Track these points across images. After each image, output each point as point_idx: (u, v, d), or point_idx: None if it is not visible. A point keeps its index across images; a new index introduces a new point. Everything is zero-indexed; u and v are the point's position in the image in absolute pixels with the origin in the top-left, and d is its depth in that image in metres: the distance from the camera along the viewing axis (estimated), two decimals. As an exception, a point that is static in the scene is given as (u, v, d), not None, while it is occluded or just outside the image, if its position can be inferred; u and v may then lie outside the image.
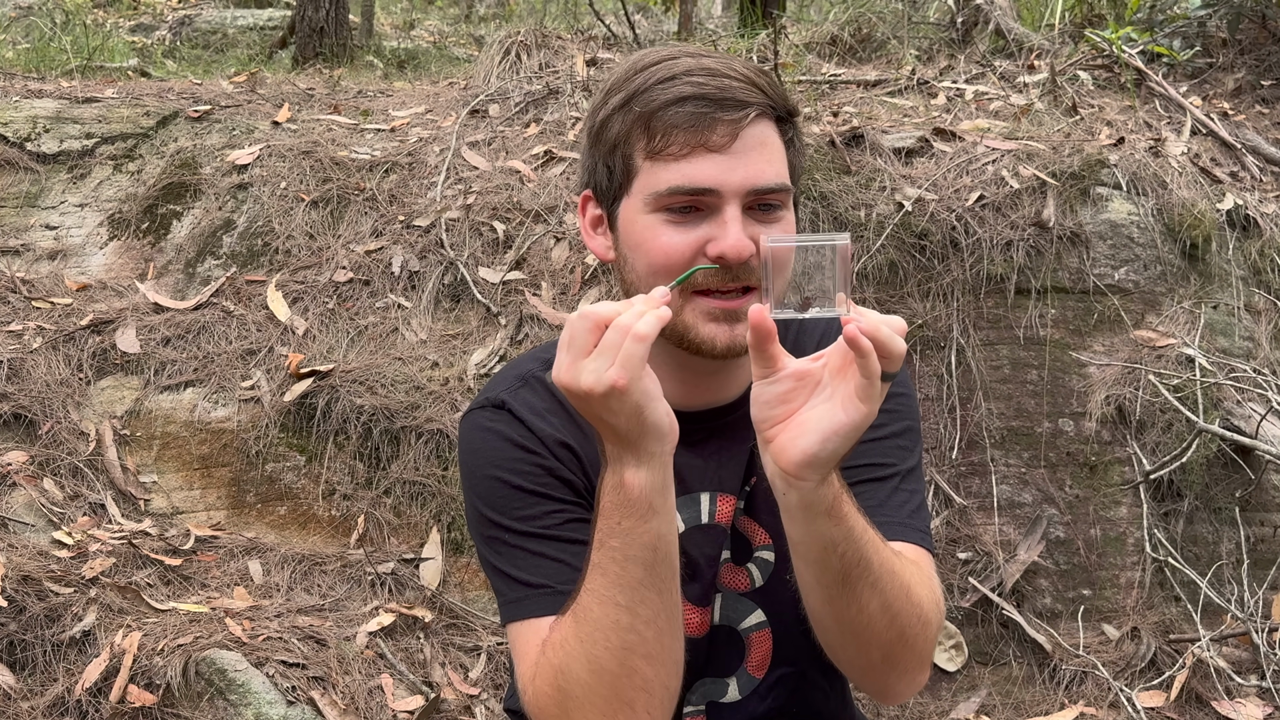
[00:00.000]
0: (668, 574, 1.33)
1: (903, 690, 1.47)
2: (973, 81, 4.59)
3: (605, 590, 1.32)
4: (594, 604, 1.33)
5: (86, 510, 3.22)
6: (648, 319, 1.23)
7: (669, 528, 1.32)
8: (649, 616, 1.32)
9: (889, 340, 1.20)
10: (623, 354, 1.22)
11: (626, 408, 1.24)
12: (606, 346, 1.23)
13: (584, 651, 1.33)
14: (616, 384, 1.22)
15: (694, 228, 1.43)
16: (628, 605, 1.31)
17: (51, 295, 3.77)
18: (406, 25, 10.09)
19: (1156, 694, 3.03)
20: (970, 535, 3.27)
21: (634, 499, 1.29)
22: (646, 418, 1.25)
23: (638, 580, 1.31)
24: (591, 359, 1.24)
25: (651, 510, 1.29)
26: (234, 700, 2.62)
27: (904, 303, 3.49)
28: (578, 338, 1.25)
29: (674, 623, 1.35)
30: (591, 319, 1.25)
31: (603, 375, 1.23)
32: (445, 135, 4.26)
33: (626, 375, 1.22)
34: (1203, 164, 3.99)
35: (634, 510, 1.29)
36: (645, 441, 1.27)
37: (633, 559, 1.30)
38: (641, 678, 1.32)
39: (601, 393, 1.23)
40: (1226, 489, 3.37)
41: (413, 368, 3.47)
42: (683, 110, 1.42)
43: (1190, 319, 3.53)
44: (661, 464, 1.29)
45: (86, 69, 5.93)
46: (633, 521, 1.30)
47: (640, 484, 1.29)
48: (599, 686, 1.33)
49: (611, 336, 1.23)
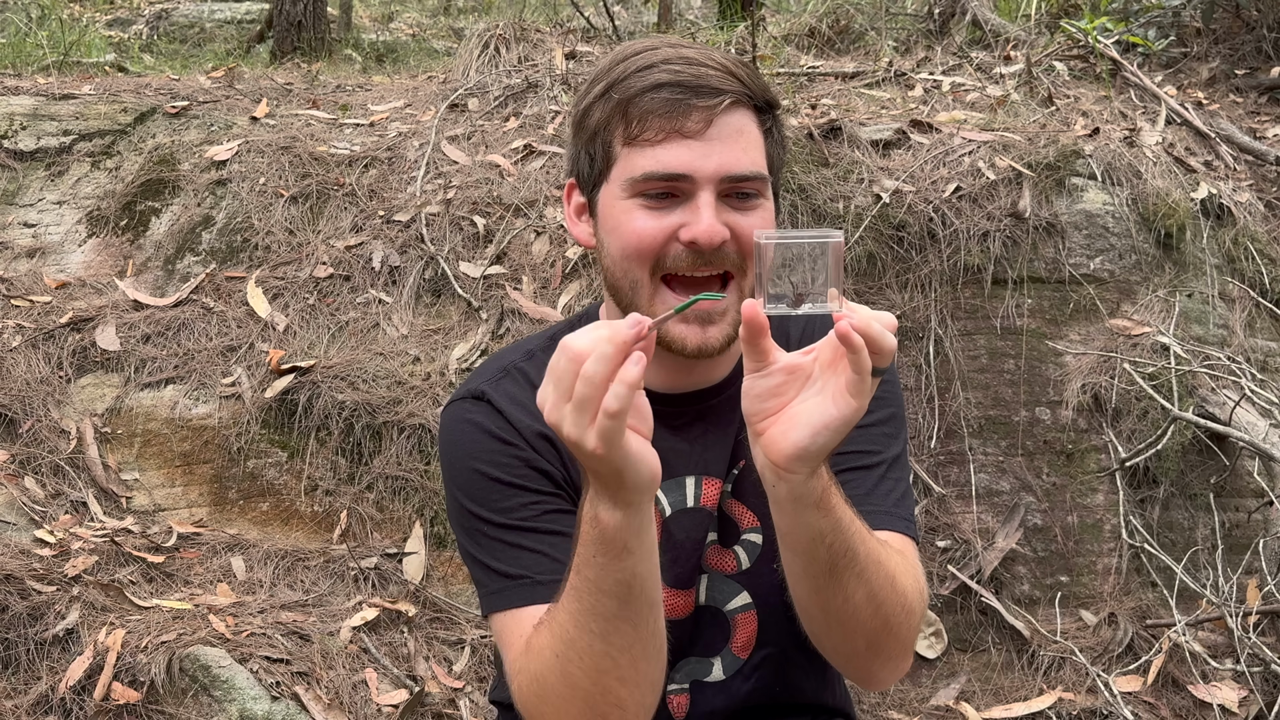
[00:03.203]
0: (644, 608, 1.30)
1: (886, 677, 1.49)
2: (949, 73, 4.62)
3: (579, 616, 1.30)
4: (570, 624, 1.32)
5: (68, 508, 3.22)
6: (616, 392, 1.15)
7: (645, 566, 1.28)
8: (623, 645, 1.31)
9: (880, 336, 1.20)
10: (598, 428, 1.16)
11: (607, 468, 1.20)
12: (579, 401, 1.17)
13: (559, 667, 1.34)
14: (596, 451, 1.17)
15: (668, 213, 1.45)
16: (601, 634, 1.30)
17: (30, 293, 3.76)
18: (385, 18, 10.06)
19: (1133, 679, 3.07)
20: (949, 523, 3.30)
21: (608, 538, 1.25)
22: (626, 478, 1.21)
23: (612, 613, 1.29)
24: (569, 407, 1.18)
25: (626, 550, 1.26)
26: (218, 696, 2.63)
27: (882, 294, 3.51)
28: (562, 378, 1.19)
29: (649, 649, 1.33)
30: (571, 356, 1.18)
31: (584, 435, 1.17)
32: (424, 129, 4.26)
33: (606, 447, 1.17)
34: (1177, 153, 4.02)
35: (608, 549, 1.26)
36: (622, 492, 1.23)
37: (606, 593, 1.28)
38: (615, 696, 1.33)
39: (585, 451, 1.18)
40: (1201, 475, 3.41)
41: (394, 363, 3.47)
42: (658, 96, 1.43)
43: (1165, 307, 3.56)
44: (639, 511, 1.25)
45: (63, 65, 5.90)
46: (606, 559, 1.26)
47: (615, 525, 1.25)
48: (574, 699, 1.34)
49: (582, 390, 1.16)
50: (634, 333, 1.17)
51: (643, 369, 1.17)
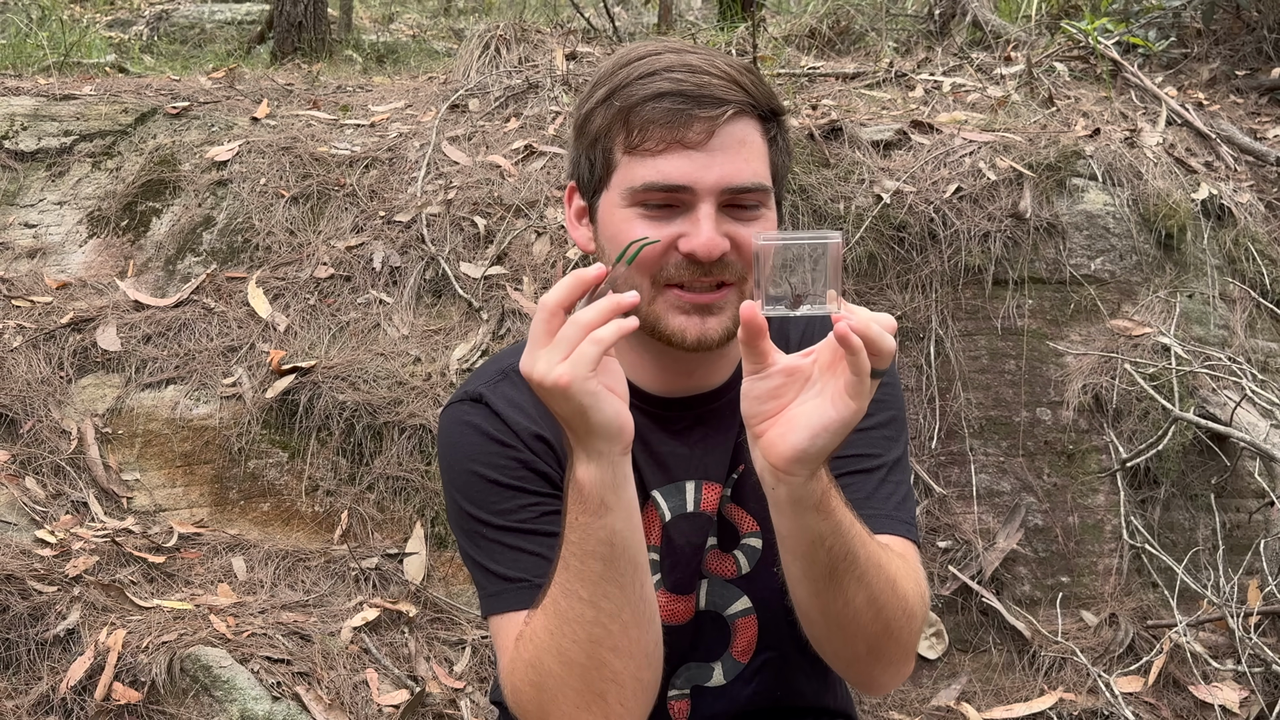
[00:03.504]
0: (628, 569, 1.33)
1: (887, 682, 1.48)
2: (950, 74, 4.62)
3: (569, 584, 1.33)
4: (560, 597, 1.34)
5: (69, 509, 3.22)
6: (609, 328, 1.24)
7: (625, 524, 1.31)
8: (612, 610, 1.32)
9: (879, 338, 1.20)
10: (576, 353, 1.23)
11: (571, 405, 1.24)
12: (561, 339, 1.24)
13: (554, 644, 1.34)
14: (560, 380, 1.23)
15: (668, 223, 1.44)
16: (590, 599, 1.32)
17: (31, 294, 3.76)
18: (385, 19, 10.06)
19: (1134, 679, 3.07)
20: (950, 524, 3.30)
21: (585, 495, 1.29)
22: (590, 418, 1.25)
23: (598, 575, 1.31)
24: (546, 349, 1.25)
25: (604, 506, 1.29)
26: (219, 696, 2.63)
27: (883, 294, 3.51)
28: (536, 326, 1.27)
29: (640, 616, 1.35)
30: (547, 308, 1.26)
31: (552, 369, 1.23)
32: (425, 130, 4.26)
33: (571, 374, 1.22)
34: (1178, 154, 4.02)
35: (587, 506, 1.30)
36: (592, 439, 1.27)
37: (590, 554, 1.31)
38: (610, 670, 1.34)
39: (548, 385, 1.24)
40: (1202, 476, 3.41)
41: (395, 363, 3.47)
42: (660, 106, 1.42)
43: (1166, 308, 3.56)
44: (610, 462, 1.29)
45: (63, 65, 5.90)
46: (587, 518, 1.30)
47: (590, 480, 1.29)
48: (570, 678, 1.34)
49: (567, 331, 1.24)
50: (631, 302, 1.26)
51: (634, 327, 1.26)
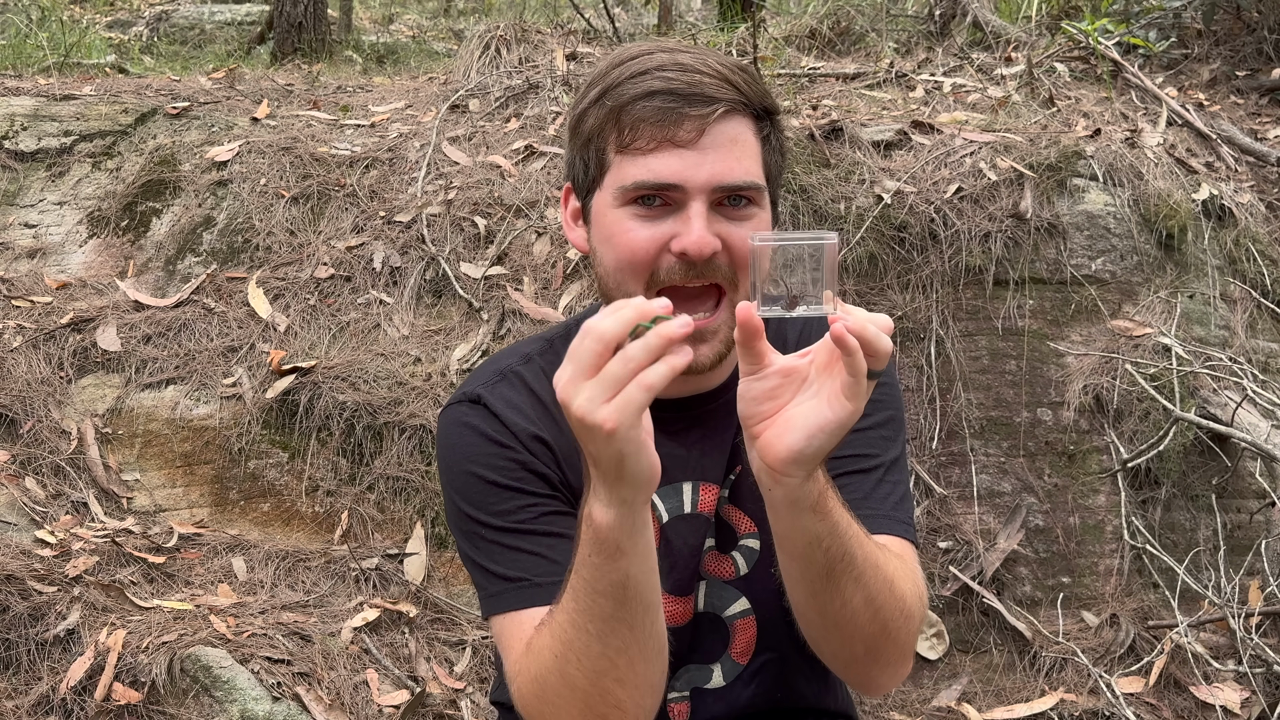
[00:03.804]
0: (639, 609, 1.29)
1: (885, 682, 1.48)
2: (950, 74, 4.62)
3: (576, 617, 1.30)
4: (568, 625, 1.32)
5: (69, 509, 3.21)
6: (658, 369, 1.14)
7: (640, 568, 1.27)
8: (620, 646, 1.30)
9: (875, 339, 1.20)
10: (622, 398, 1.14)
11: (609, 451, 1.17)
12: (608, 377, 1.15)
13: (558, 667, 1.34)
14: (604, 425, 1.15)
15: (660, 222, 1.43)
16: (598, 635, 1.29)
17: (31, 294, 3.76)
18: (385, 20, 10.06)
19: (1135, 680, 3.06)
20: (950, 524, 3.30)
21: (602, 538, 1.24)
22: (626, 466, 1.19)
23: (608, 614, 1.28)
24: (591, 383, 1.16)
25: (619, 551, 1.25)
26: (219, 697, 2.63)
27: (883, 295, 3.51)
28: (584, 356, 1.16)
29: (647, 652, 1.32)
30: (601, 340, 1.16)
31: (596, 409, 1.15)
32: (425, 130, 4.26)
33: (617, 421, 1.15)
34: (1178, 154, 4.02)
35: (602, 549, 1.25)
36: (619, 486, 1.21)
37: (601, 594, 1.27)
38: (614, 698, 1.33)
39: (589, 425, 1.16)
40: (1203, 476, 3.41)
41: (395, 363, 3.47)
42: (651, 105, 1.42)
43: (1166, 308, 3.56)
44: (632, 510, 1.23)
45: (63, 66, 5.90)
46: (600, 559, 1.26)
47: (608, 524, 1.23)
48: (573, 700, 1.34)
49: (614, 368, 1.15)
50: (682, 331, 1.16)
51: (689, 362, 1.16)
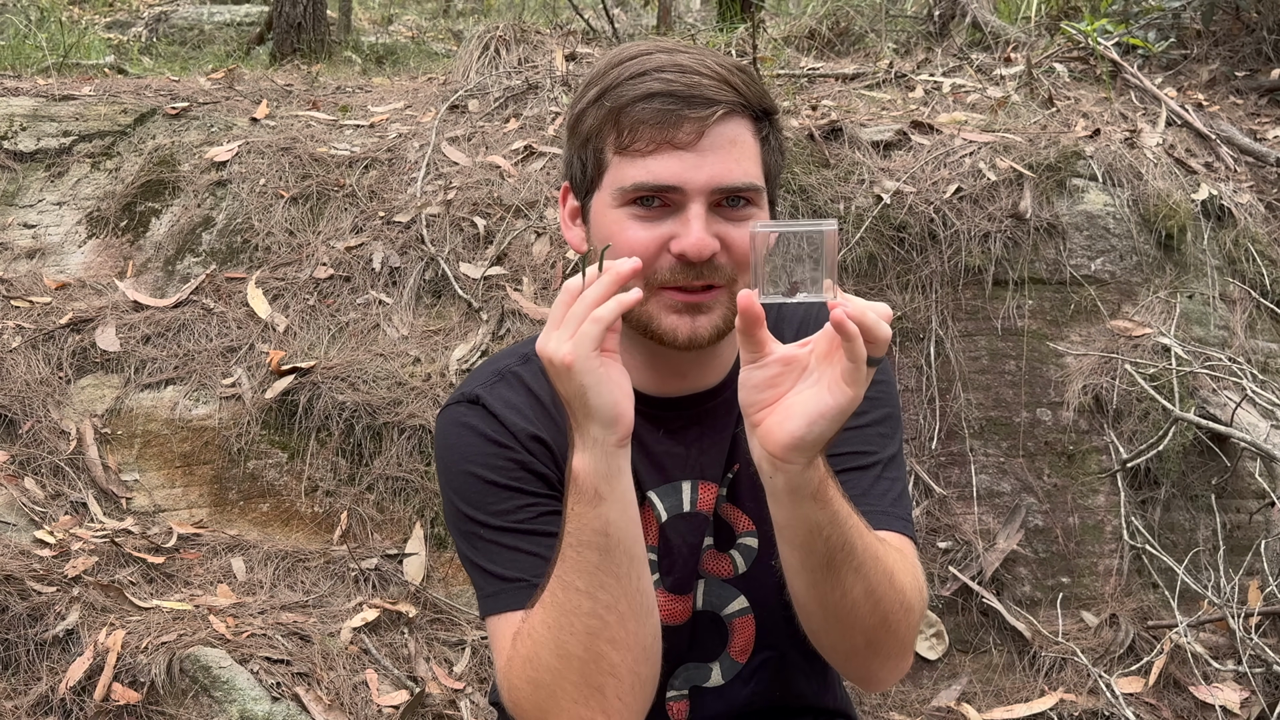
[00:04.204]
0: (624, 560, 1.34)
1: (885, 677, 1.48)
2: (950, 74, 4.62)
3: (566, 575, 1.35)
4: (558, 589, 1.35)
5: (68, 509, 3.21)
6: (609, 305, 1.27)
7: (620, 515, 1.33)
8: (609, 601, 1.33)
9: (875, 325, 1.21)
10: (579, 333, 1.27)
11: (573, 385, 1.28)
12: (570, 318, 1.28)
13: (551, 638, 1.35)
14: (565, 358, 1.26)
15: (659, 223, 1.44)
16: (587, 590, 1.33)
17: (30, 294, 3.76)
18: (385, 20, 10.06)
19: (1135, 680, 3.06)
20: (950, 524, 3.30)
21: (580, 484, 1.32)
22: (589, 400, 1.28)
23: (594, 565, 1.33)
24: (559, 328, 1.28)
25: (598, 496, 1.32)
26: (218, 697, 2.63)
27: (883, 295, 3.51)
28: (556, 308, 1.30)
29: (636, 608, 1.36)
30: (567, 292, 1.30)
31: (559, 347, 1.27)
32: (425, 131, 4.26)
33: (574, 353, 1.26)
34: (1178, 155, 4.02)
35: (582, 496, 1.32)
36: (589, 425, 1.30)
37: (586, 544, 1.33)
38: (608, 662, 1.34)
39: (556, 364, 1.27)
40: (1203, 476, 3.41)
41: (394, 364, 3.47)
42: (650, 106, 1.42)
43: (1166, 309, 3.56)
44: (605, 452, 1.31)
45: (63, 66, 5.90)
46: (583, 507, 1.32)
47: (585, 469, 1.31)
48: (568, 672, 1.34)
49: (576, 309, 1.28)
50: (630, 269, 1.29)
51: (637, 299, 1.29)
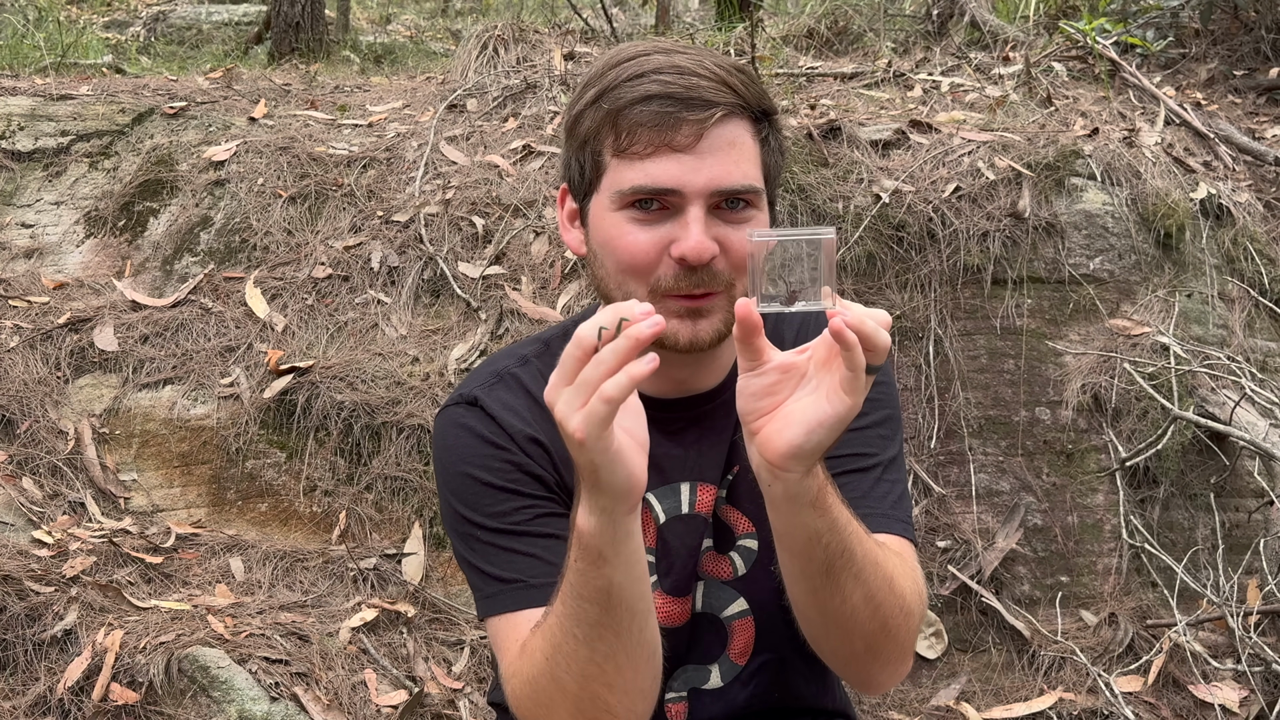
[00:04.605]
0: (626, 617, 1.30)
1: (885, 681, 1.48)
2: (948, 74, 4.62)
3: (565, 621, 1.31)
4: (557, 629, 1.32)
5: (66, 509, 3.21)
6: (619, 380, 1.15)
7: (624, 576, 1.28)
8: (606, 653, 1.30)
9: (874, 333, 1.20)
10: (589, 411, 1.16)
11: (583, 459, 1.19)
12: (581, 383, 1.17)
13: (549, 669, 1.34)
14: (575, 433, 1.17)
15: (658, 227, 1.43)
16: (585, 640, 1.30)
17: (28, 294, 3.75)
18: (383, 20, 10.06)
19: (1134, 679, 3.06)
20: (949, 524, 3.30)
21: (585, 544, 1.26)
22: (600, 476, 1.20)
23: (594, 619, 1.29)
24: (569, 389, 1.18)
25: (601, 559, 1.26)
26: (217, 697, 2.62)
27: (882, 294, 3.51)
28: (566, 360, 1.19)
29: (635, 659, 1.32)
30: (579, 344, 1.18)
31: (570, 416, 1.17)
32: (423, 130, 4.26)
33: (585, 432, 1.16)
34: (1176, 154, 4.02)
35: (585, 554, 1.26)
36: (597, 494, 1.23)
37: (586, 599, 1.28)
38: (604, 702, 1.33)
39: (566, 431, 1.19)
40: (1202, 475, 3.41)
41: (393, 363, 3.46)
42: (648, 109, 1.41)
43: (1165, 307, 3.56)
44: (612, 519, 1.24)
45: (60, 66, 5.90)
46: (585, 565, 1.27)
47: (590, 531, 1.25)
48: (564, 702, 1.34)
49: (587, 373, 1.17)
50: (652, 333, 1.16)
51: (653, 369, 1.15)
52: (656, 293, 1.43)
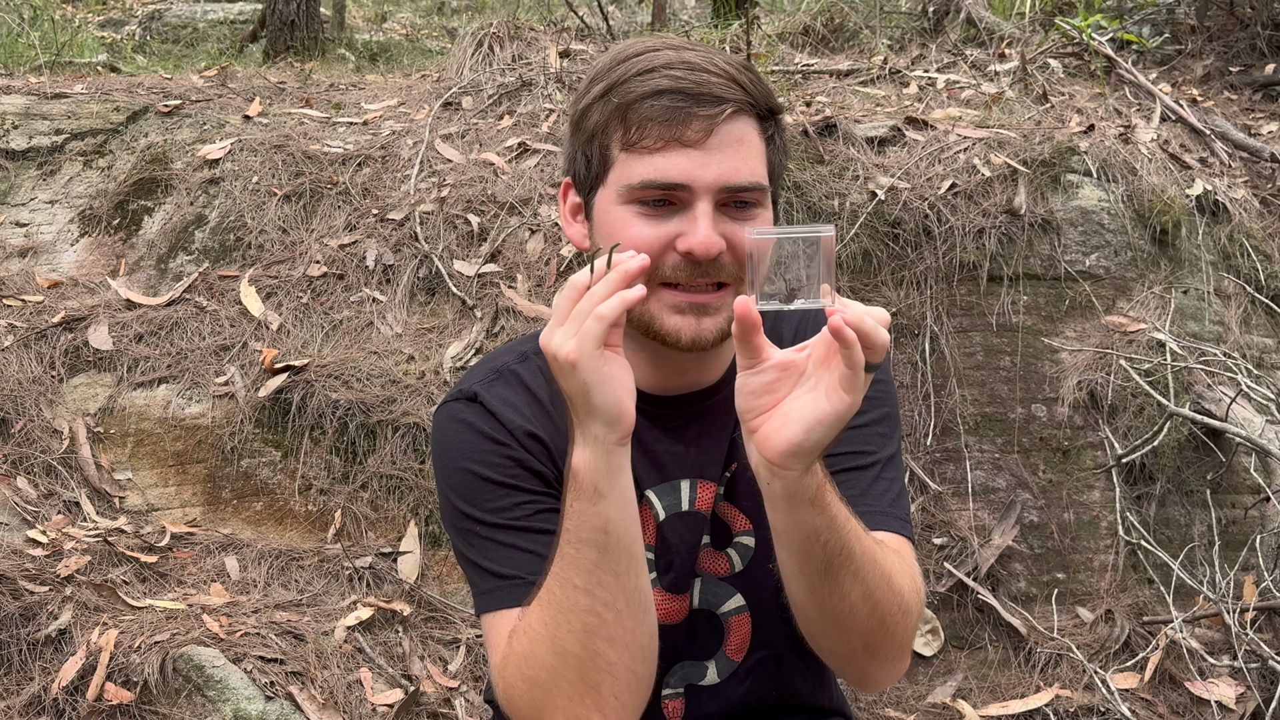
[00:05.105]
0: (624, 558, 1.34)
1: (883, 678, 1.48)
2: (944, 70, 4.61)
3: (564, 573, 1.34)
4: (556, 586, 1.35)
5: (61, 508, 3.20)
6: (612, 302, 1.26)
7: (620, 513, 1.33)
8: (607, 599, 1.33)
9: (873, 331, 1.21)
10: (582, 330, 1.26)
11: (576, 382, 1.27)
12: (575, 314, 1.27)
13: (548, 635, 1.35)
14: (569, 356, 1.26)
15: (665, 221, 1.43)
16: (585, 588, 1.33)
17: (23, 293, 3.74)
18: (379, 18, 10.04)
19: (1130, 675, 3.06)
20: (945, 521, 3.30)
21: (580, 481, 1.31)
22: (592, 398, 1.27)
23: (593, 563, 1.33)
24: (563, 324, 1.28)
25: (597, 493, 1.31)
26: (212, 696, 2.62)
27: (878, 291, 3.51)
28: (560, 304, 1.29)
29: (635, 606, 1.35)
30: (573, 286, 1.29)
31: (564, 344, 1.27)
32: (418, 128, 4.25)
33: (577, 351, 1.25)
34: (1172, 150, 4.02)
35: (581, 492, 1.32)
36: (590, 422, 1.30)
37: (585, 541, 1.32)
38: (605, 660, 1.34)
39: (560, 360, 1.27)
40: (1198, 472, 3.41)
41: (388, 361, 3.46)
42: (659, 104, 1.42)
43: (1160, 304, 3.56)
44: (605, 450, 1.30)
45: (55, 65, 5.89)
46: (582, 504, 1.32)
47: (584, 465, 1.31)
48: (564, 670, 1.34)
49: (581, 305, 1.27)
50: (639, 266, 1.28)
51: (641, 295, 1.28)
52: (654, 282, 1.44)
